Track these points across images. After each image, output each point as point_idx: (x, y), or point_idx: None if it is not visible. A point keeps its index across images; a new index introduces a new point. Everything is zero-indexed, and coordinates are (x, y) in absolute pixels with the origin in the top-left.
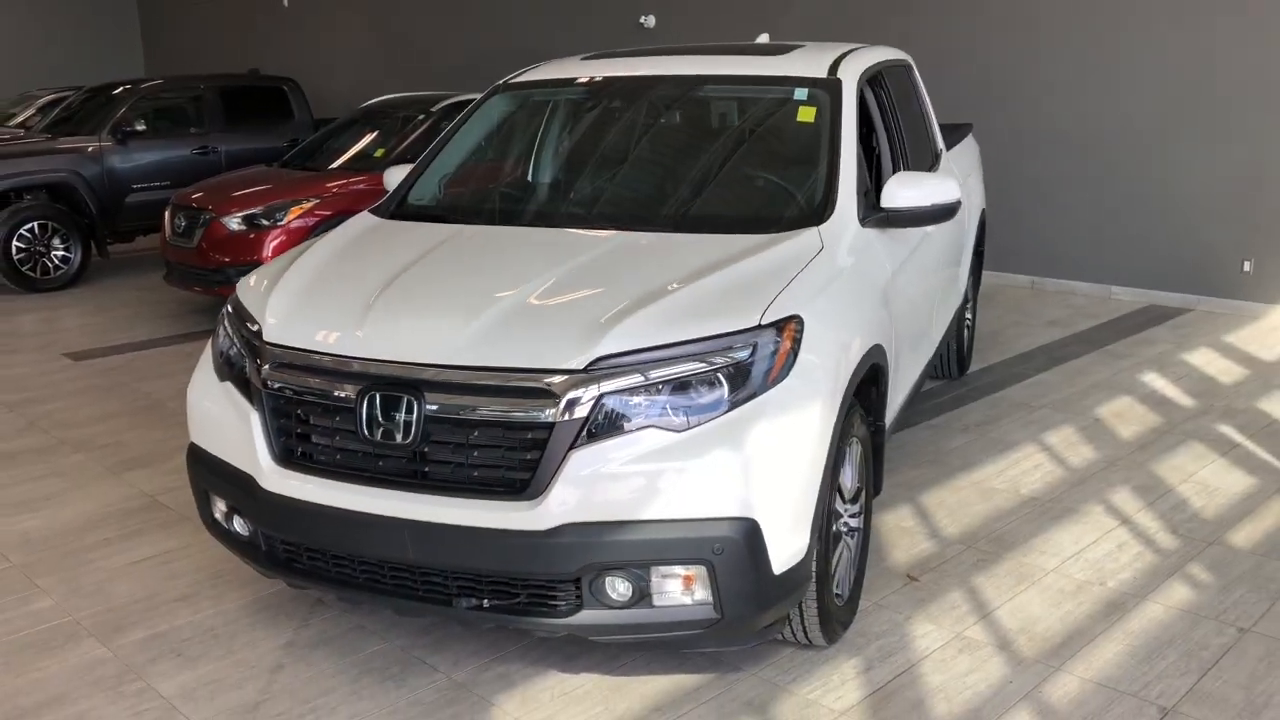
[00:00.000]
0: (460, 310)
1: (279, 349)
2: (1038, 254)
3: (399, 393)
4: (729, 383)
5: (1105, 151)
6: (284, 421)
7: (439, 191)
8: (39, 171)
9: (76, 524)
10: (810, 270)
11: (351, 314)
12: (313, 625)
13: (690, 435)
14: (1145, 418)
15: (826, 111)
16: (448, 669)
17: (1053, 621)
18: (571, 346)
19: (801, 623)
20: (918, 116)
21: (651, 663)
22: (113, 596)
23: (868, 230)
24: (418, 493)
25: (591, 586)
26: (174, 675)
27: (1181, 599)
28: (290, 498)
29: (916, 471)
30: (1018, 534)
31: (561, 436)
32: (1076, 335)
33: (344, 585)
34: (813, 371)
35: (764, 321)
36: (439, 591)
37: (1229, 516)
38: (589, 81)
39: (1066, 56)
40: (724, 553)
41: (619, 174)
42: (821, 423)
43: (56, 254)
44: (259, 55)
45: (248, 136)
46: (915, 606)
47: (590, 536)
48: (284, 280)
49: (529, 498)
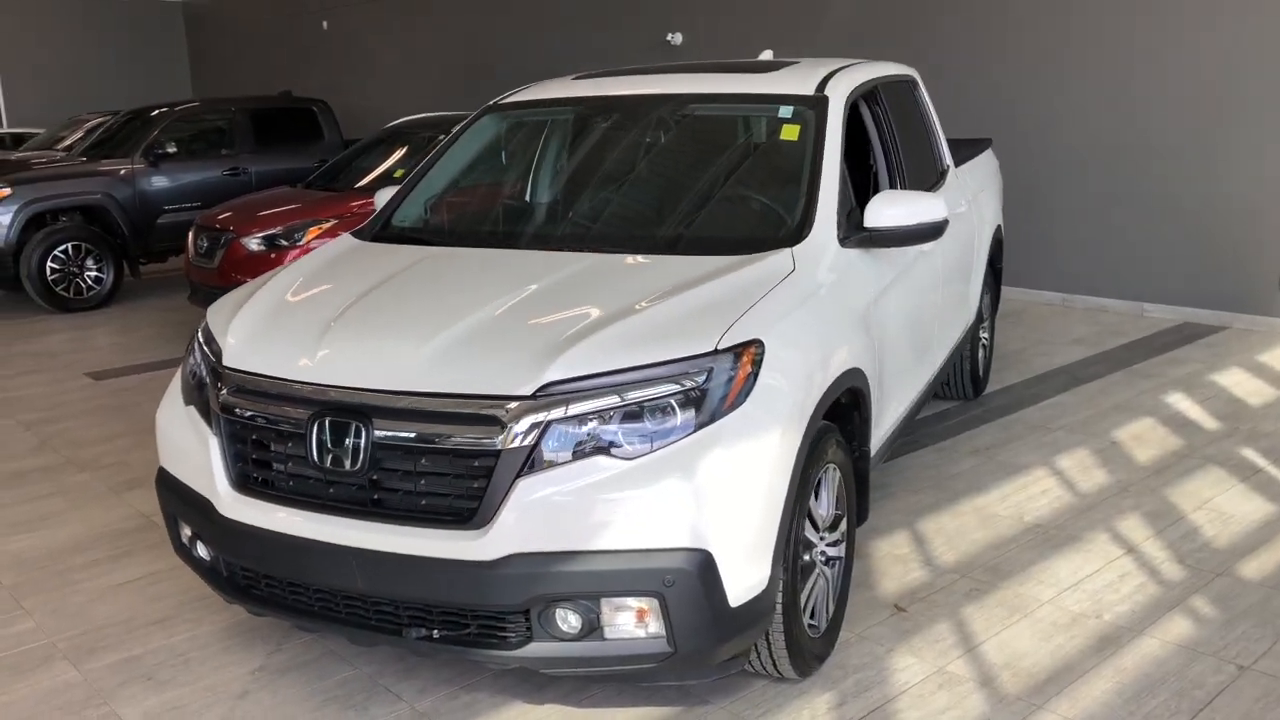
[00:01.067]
0: (412, 335)
1: (236, 373)
2: (1068, 270)
3: (348, 419)
4: (682, 409)
5: (1138, 166)
6: (240, 447)
7: (424, 213)
8: (74, 194)
9: (69, 545)
10: (778, 292)
11: (307, 338)
12: (285, 650)
13: (641, 463)
14: (1165, 441)
15: (811, 130)
16: (412, 698)
17: (1041, 656)
18: (520, 372)
19: (770, 655)
20: (922, 132)
21: (619, 694)
22: (92, 619)
23: (849, 251)
24: (367, 520)
25: (540, 618)
26: (140, 700)
27: (1181, 634)
28: (246, 524)
29: (917, 496)
30: (1016, 563)
31: (508, 464)
32: (1102, 354)
33: (300, 613)
34: (773, 397)
35: (721, 346)
36: (390, 621)
37: (1242, 546)
38: (575, 102)
39: (1099, 70)
40: (675, 584)
41: (597, 195)
42: (781, 450)
43: (89, 274)
44: (300, 76)
45: (278, 157)
46: (899, 638)
47: (538, 567)
48: (249, 304)
49: (476, 527)
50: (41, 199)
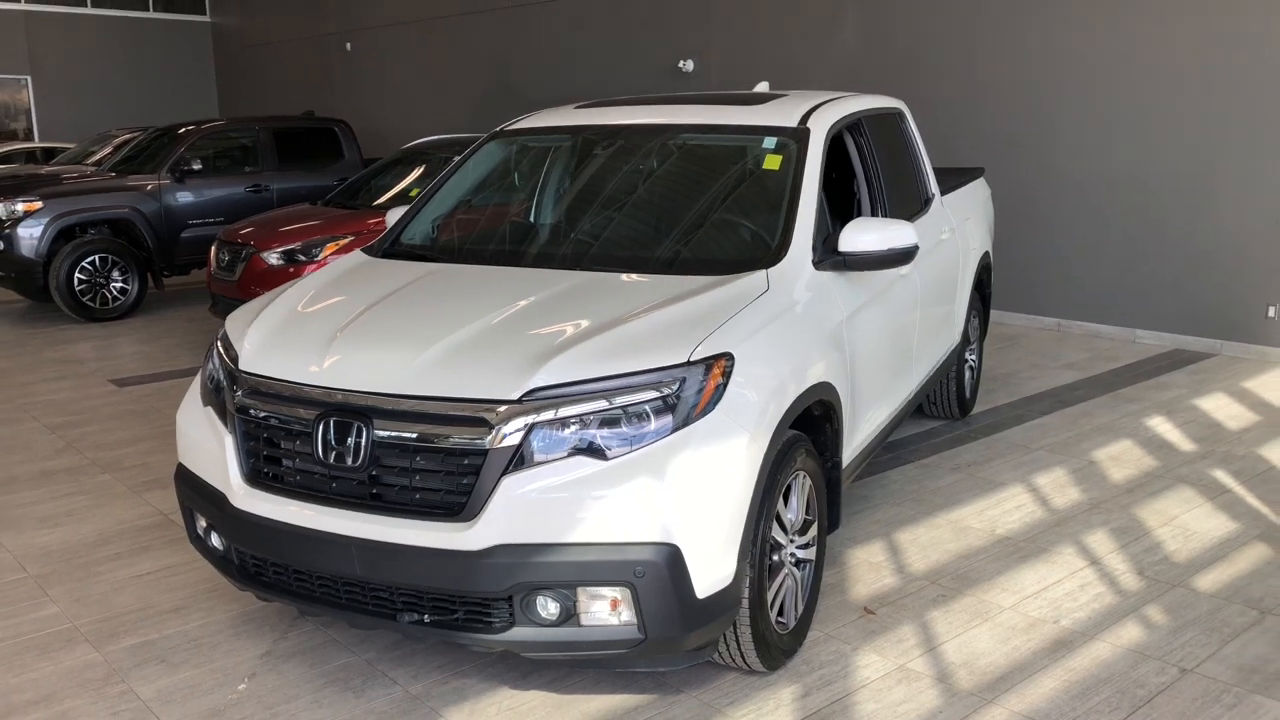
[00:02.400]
0: (411, 344)
1: (251, 377)
2: (1064, 297)
3: (351, 419)
4: (656, 415)
5: (1132, 195)
6: (253, 444)
7: (431, 232)
8: (102, 208)
9: (92, 539)
10: (750, 310)
11: (316, 346)
12: (291, 638)
13: (616, 464)
14: (1141, 461)
15: (792, 160)
16: (406, 682)
17: (997, 656)
18: (507, 379)
19: (737, 647)
20: (907, 162)
21: (599, 682)
22: (113, 606)
23: (823, 273)
24: (366, 513)
25: (523, 605)
26: (155, 680)
27: (1130, 639)
28: (256, 515)
29: (897, 509)
30: (983, 572)
31: (495, 463)
32: (1091, 379)
33: (305, 599)
34: (740, 406)
35: (693, 358)
36: (386, 607)
37: (1200, 560)
38: (574, 130)
39: (1096, 101)
40: (645, 576)
41: (591, 218)
42: (747, 455)
43: (115, 285)
44: (324, 96)
45: (299, 175)
46: (865, 638)
47: (520, 557)
48: (265, 313)
49: (464, 519)
50: (71, 212)
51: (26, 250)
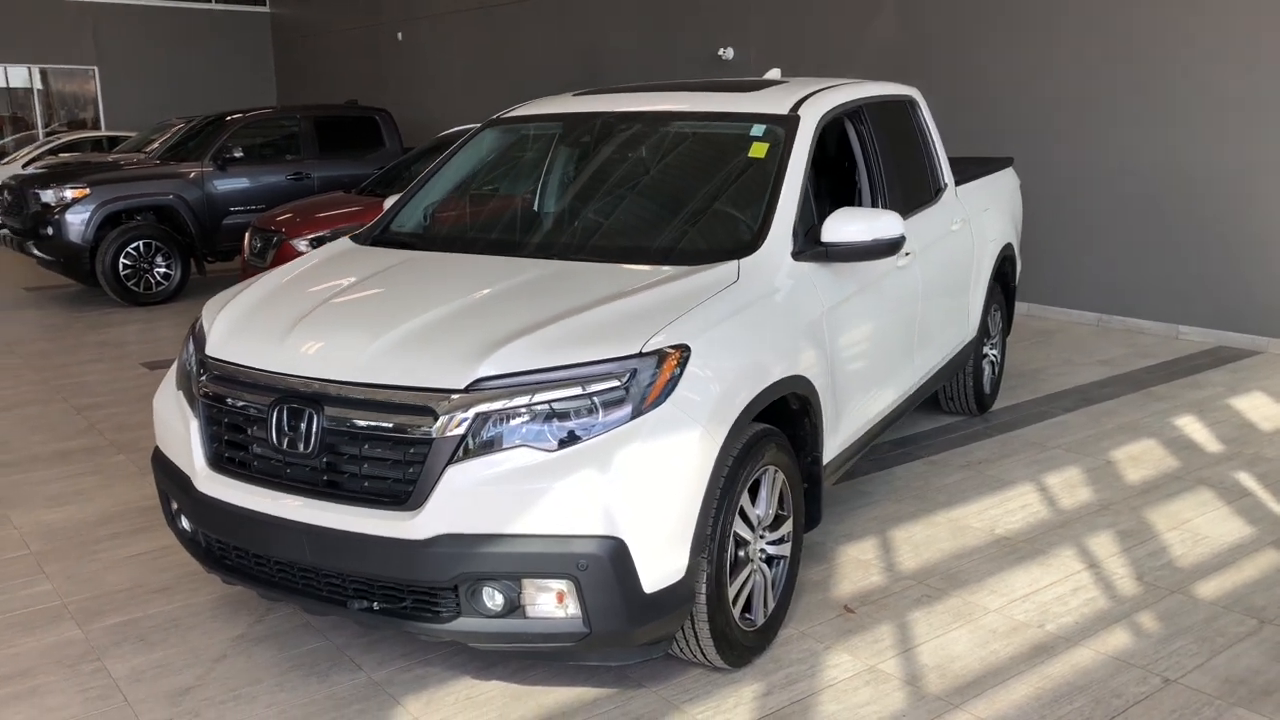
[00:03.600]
0: (366, 332)
1: (215, 362)
2: (1104, 290)
3: (302, 405)
4: (604, 407)
5: (1177, 186)
6: (216, 429)
7: (420, 219)
8: (147, 194)
9: (95, 518)
10: (715, 301)
11: (277, 332)
12: (266, 622)
13: (561, 455)
14: (1161, 462)
15: (778, 148)
16: (371, 668)
17: (972, 660)
18: (454, 368)
19: (697, 643)
20: (918, 150)
21: (560, 675)
22: (103, 585)
23: (803, 264)
24: (316, 499)
25: (469, 595)
26: (129, 659)
27: (1116, 646)
28: (217, 499)
29: (897, 505)
30: (974, 573)
31: (441, 452)
32: (1123, 376)
33: (263, 583)
34: (694, 399)
35: (645, 349)
36: (338, 593)
37: (1205, 567)
38: (563, 118)
39: (1137, 91)
40: (589, 569)
41: (571, 207)
42: (700, 448)
43: (159, 271)
44: (376, 85)
45: (340, 164)
46: (839, 637)
47: (464, 547)
48: (238, 299)
49: (410, 508)
50: (116, 199)
51: (74, 236)
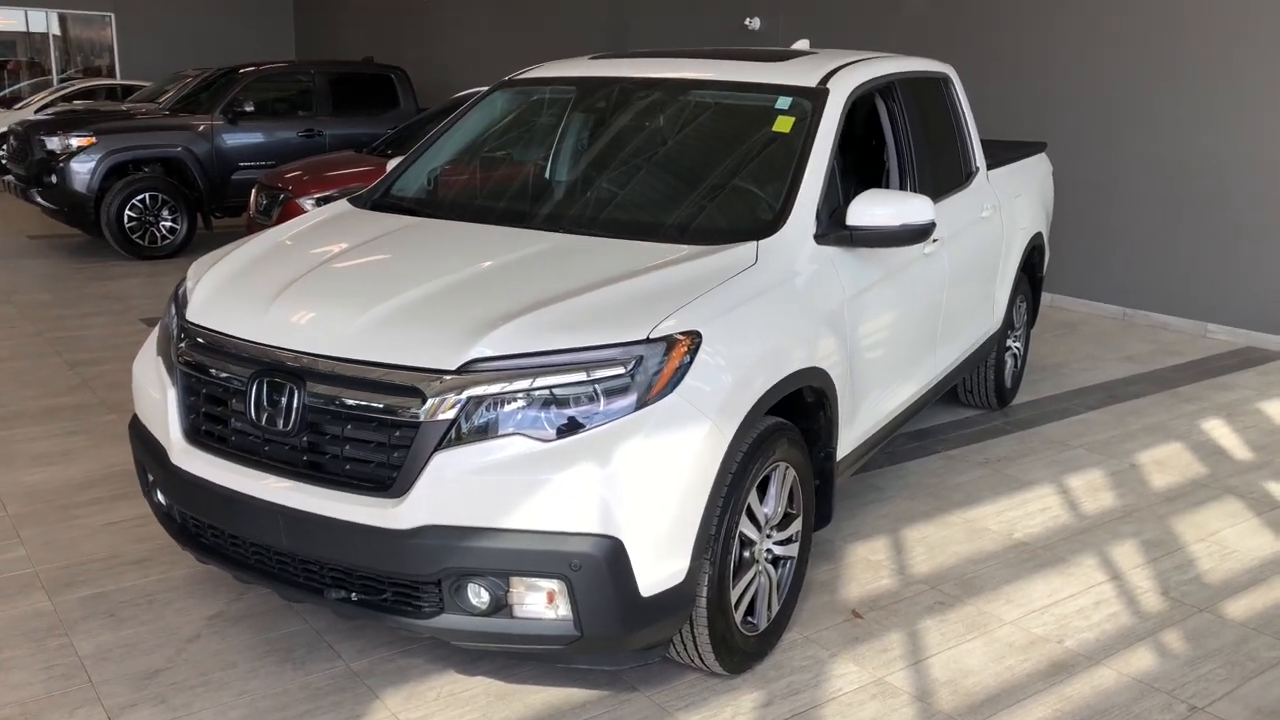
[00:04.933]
0: (356, 303)
1: (195, 328)
2: (1130, 284)
3: (284, 380)
4: (606, 395)
5: (1205, 180)
6: (193, 399)
7: (423, 183)
8: (154, 145)
9: (79, 481)
10: (731, 285)
11: (261, 299)
12: (246, 600)
13: (557, 446)
14: (1188, 468)
15: (805, 123)
16: (350, 657)
17: (986, 676)
18: (447, 347)
19: (695, 648)
20: (950, 131)
21: (549, 675)
22: (79, 553)
23: (827, 248)
24: (295, 480)
25: (453, 591)
26: (97, 635)
27: (1140, 667)
28: (192, 474)
29: (911, 504)
30: (990, 579)
31: (428, 436)
32: (1149, 374)
33: (238, 565)
34: (703, 390)
35: (653, 335)
36: (315, 580)
37: (1235, 583)
38: (578, 82)
39: (1170, 82)
40: (582, 569)
41: (581, 176)
42: (708, 443)
43: (165, 224)
44: (398, 44)
45: (353, 122)
46: (846, 645)
47: (450, 540)
48: (222, 262)
49: (394, 496)
50: (123, 149)
51: (78, 185)
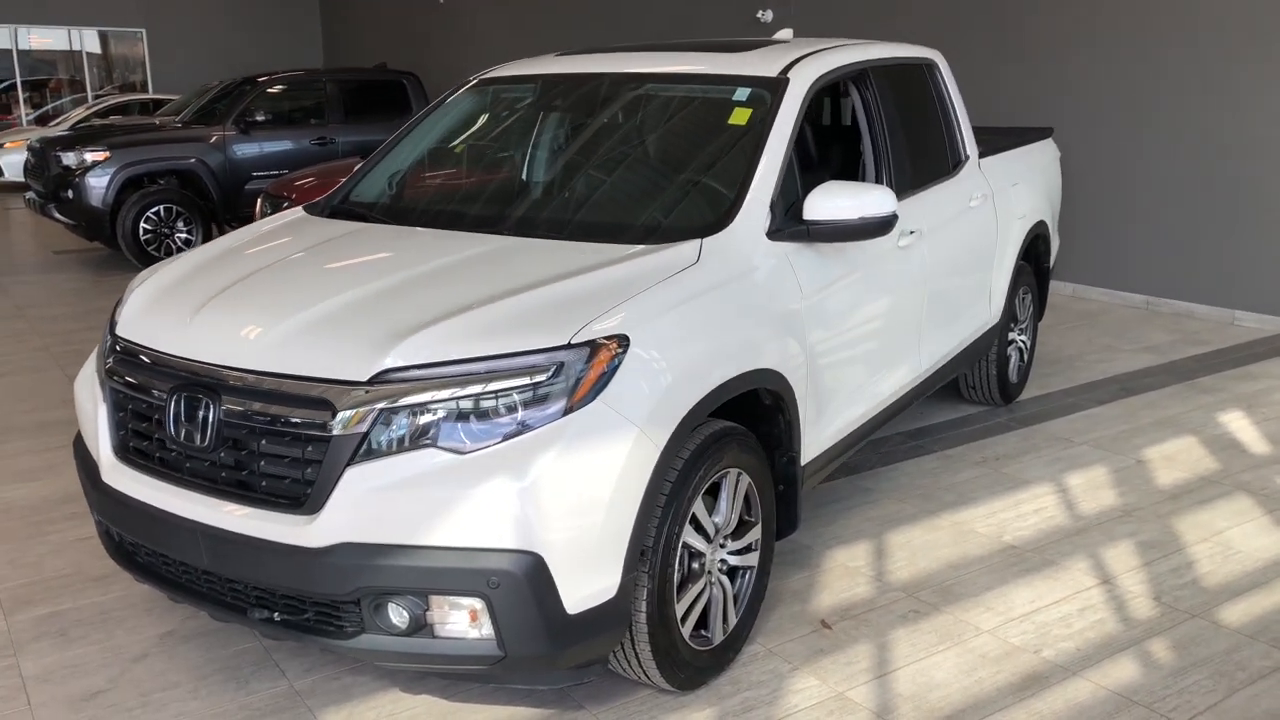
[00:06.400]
0: (274, 314)
1: (122, 341)
2: (1154, 272)
3: (200, 394)
4: (524, 405)
5: (1233, 162)
6: (121, 415)
7: (386, 188)
8: (168, 158)
9: (57, 497)
10: (666, 285)
11: (185, 311)
12: (200, 618)
13: (472, 459)
14: (1199, 463)
15: (762, 114)
16: (295, 675)
17: (953, 690)
18: (358, 357)
19: (638, 664)
20: (935, 119)
21: (493, 693)
22: (42, 570)
23: (781, 244)
24: (212, 497)
25: (372, 610)
26: (45, 655)
27: (1121, 678)
28: (120, 491)
29: (899, 505)
30: (971, 585)
31: (340, 451)
32: (1168, 365)
33: (172, 585)
34: (630, 396)
35: (575, 340)
36: (240, 600)
37: (1235, 586)
38: (541, 79)
39: (1195, 65)
40: (501, 587)
41: (535, 177)
42: (636, 452)
43: (180, 236)
44: (421, 50)
45: (365, 129)
46: (810, 657)
47: (364, 558)
48: (160, 272)
49: (307, 512)
50: (137, 162)
51: (94, 199)
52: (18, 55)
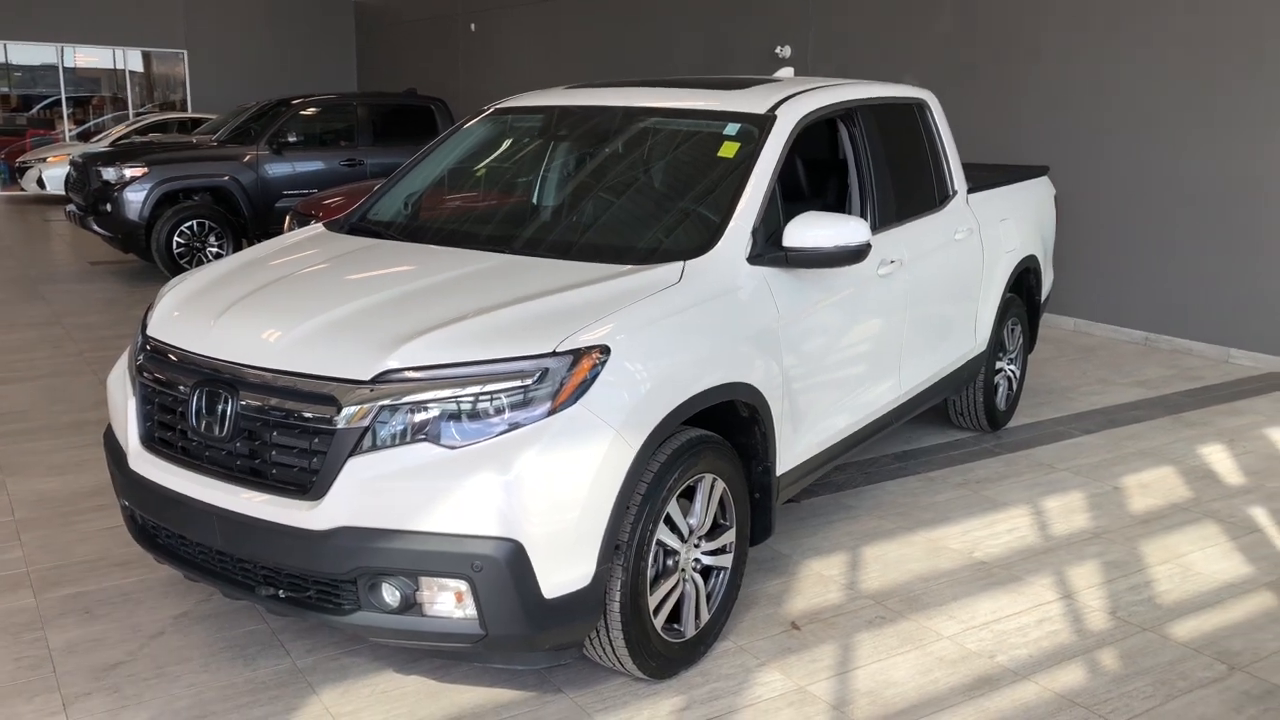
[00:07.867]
0: (290, 318)
1: (152, 341)
2: (1152, 309)
3: (220, 389)
4: (511, 406)
5: (1229, 203)
6: (149, 408)
7: (401, 208)
8: (202, 175)
9: (87, 489)
10: (649, 302)
11: (210, 314)
12: (214, 600)
13: (461, 453)
14: (1172, 491)
15: (749, 148)
16: (299, 655)
17: (909, 688)
18: (362, 359)
19: (612, 651)
20: (923, 156)
21: (480, 675)
22: (70, 555)
23: (761, 269)
24: (228, 483)
25: (367, 589)
26: (70, 630)
27: (1066, 683)
28: (145, 477)
29: (878, 522)
30: (937, 596)
31: (343, 442)
32: (1158, 399)
33: (187, 564)
34: (608, 401)
35: (559, 349)
36: (249, 578)
37: (1187, 605)
38: (548, 110)
39: (1192, 106)
40: (484, 570)
41: (539, 200)
42: (610, 453)
43: (211, 250)
44: (452, 75)
45: (394, 151)
46: (777, 655)
47: (362, 541)
48: (189, 279)
49: (312, 498)
50: (172, 179)
51: (131, 213)
52: (64, 72)
